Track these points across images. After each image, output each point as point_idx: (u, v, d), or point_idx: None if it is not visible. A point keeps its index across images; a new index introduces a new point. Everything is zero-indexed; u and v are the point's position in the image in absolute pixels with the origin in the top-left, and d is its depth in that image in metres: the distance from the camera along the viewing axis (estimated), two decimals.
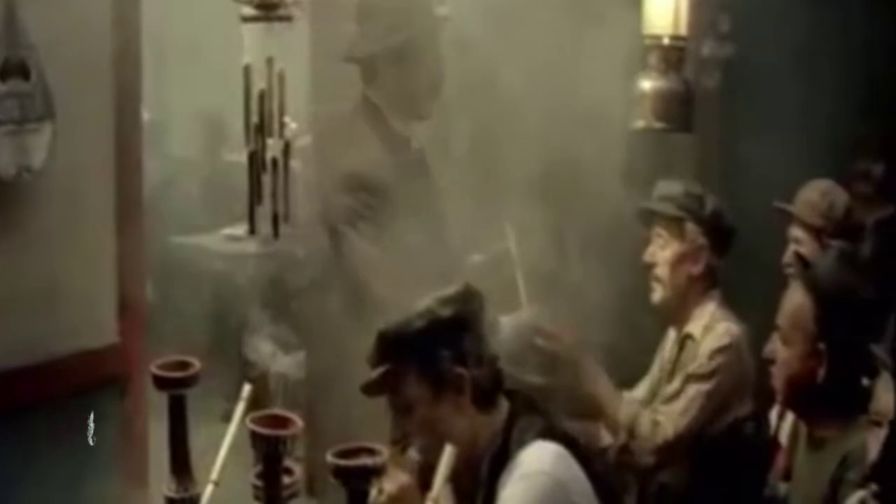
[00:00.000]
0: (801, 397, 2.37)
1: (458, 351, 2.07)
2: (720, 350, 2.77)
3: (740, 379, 2.82)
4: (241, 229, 5.60)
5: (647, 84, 2.73)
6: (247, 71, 1.98)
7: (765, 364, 2.63)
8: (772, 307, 2.59)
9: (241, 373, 4.82)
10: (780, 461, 2.87)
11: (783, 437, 2.93)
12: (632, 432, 2.74)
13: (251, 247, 5.52)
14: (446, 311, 2.08)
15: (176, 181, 5.95)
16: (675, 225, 2.85)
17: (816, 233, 3.14)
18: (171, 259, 5.72)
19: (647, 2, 2.68)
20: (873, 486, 1.60)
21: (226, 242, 5.70)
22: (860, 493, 1.73)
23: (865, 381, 2.18)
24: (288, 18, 2.04)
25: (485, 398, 2.10)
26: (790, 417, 2.93)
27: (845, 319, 2.25)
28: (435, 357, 2.07)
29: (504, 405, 2.13)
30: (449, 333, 2.08)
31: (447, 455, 1.79)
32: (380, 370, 2.09)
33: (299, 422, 1.80)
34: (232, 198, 5.63)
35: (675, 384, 2.79)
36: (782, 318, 2.38)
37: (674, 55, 2.68)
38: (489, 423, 2.09)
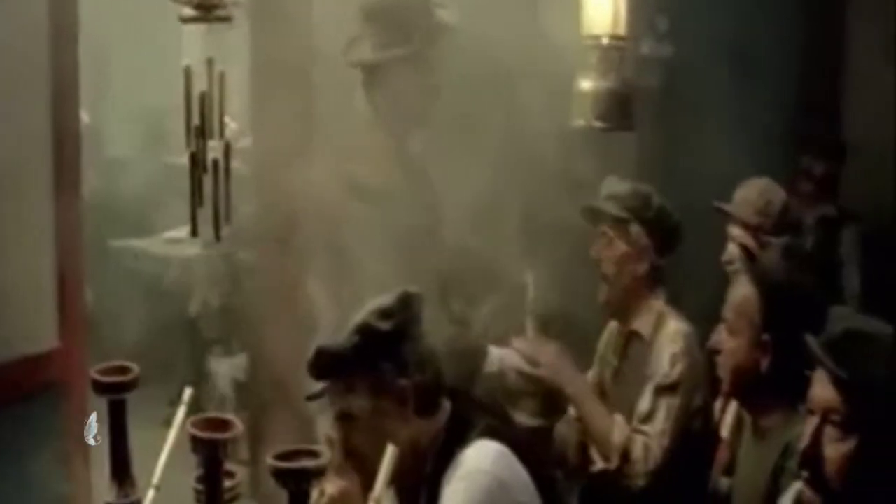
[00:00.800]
0: (746, 387, 2.42)
1: (400, 362, 2.06)
2: (678, 355, 2.78)
3: (698, 380, 2.84)
4: (182, 232, 5.59)
5: (586, 84, 2.76)
6: (187, 72, 1.97)
7: (710, 356, 2.71)
8: (713, 303, 2.63)
9: (183, 377, 4.81)
10: (722, 455, 2.93)
11: (725, 431, 2.99)
12: (626, 456, 2.73)
13: (193, 249, 5.48)
14: (385, 325, 2.05)
15: (115, 184, 5.88)
16: (619, 225, 2.86)
17: (754, 230, 3.18)
18: (111, 263, 5.67)
19: (587, 2, 2.70)
20: (804, 474, 1.65)
21: (167, 245, 5.67)
22: (799, 484, 1.76)
23: (808, 373, 2.24)
24: (227, 19, 2.04)
25: (428, 404, 2.09)
26: (732, 411, 2.99)
27: (789, 312, 2.30)
28: (376, 371, 2.05)
29: (446, 405, 2.13)
30: (389, 346, 2.05)
31: (389, 456, 1.79)
32: (320, 386, 2.08)
33: (239, 425, 1.78)
34: (172, 200, 5.61)
35: (647, 401, 2.77)
36: (728, 310, 2.43)
37: (613, 55, 2.71)
38: (432, 425, 2.09)
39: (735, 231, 3.23)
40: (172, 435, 1.98)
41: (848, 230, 4.36)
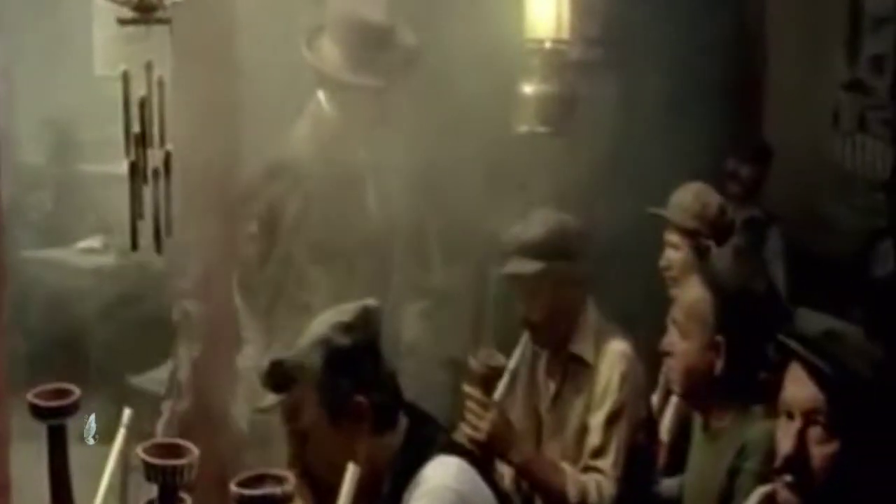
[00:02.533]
0: (699, 389, 2.40)
1: (358, 378, 1.99)
2: (625, 378, 2.73)
3: (641, 396, 2.83)
4: (97, 241, 5.41)
5: (528, 88, 2.72)
6: (125, 77, 1.87)
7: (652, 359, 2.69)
8: (651, 311, 2.61)
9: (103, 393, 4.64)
10: (661, 456, 2.93)
11: (663, 433, 2.98)
12: (583, 502, 2.68)
13: (109, 259, 5.31)
14: (345, 340, 1.99)
15: (28, 192, 5.65)
16: None
17: (691, 235, 3.19)
18: (22, 274, 5.45)
19: (530, 6, 2.66)
20: (787, 478, 1.63)
21: (81, 255, 5.48)
22: (765, 488, 1.75)
23: (762, 375, 2.25)
24: (167, 21, 1.95)
25: (385, 420, 2.03)
26: (670, 412, 2.98)
27: (743, 313, 2.31)
28: (334, 387, 1.98)
29: (403, 420, 2.07)
30: (348, 362, 1.99)
31: (350, 475, 1.72)
32: (274, 400, 2.01)
33: (194, 450, 1.69)
34: (86, 209, 5.42)
35: (598, 434, 2.71)
36: (679, 313, 2.41)
37: (556, 59, 2.68)
38: (389, 441, 2.03)
39: (672, 237, 3.23)
40: (113, 459, 1.90)
41: (773, 231, 4.43)
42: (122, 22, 1.84)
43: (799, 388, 1.63)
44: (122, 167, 1.90)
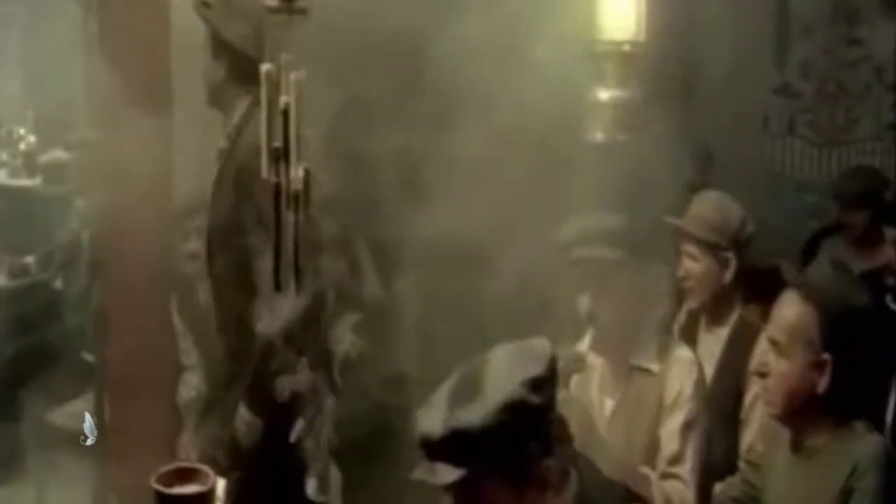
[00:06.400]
0: (797, 409, 2.27)
1: (546, 440, 1.73)
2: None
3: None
4: None
5: (604, 94, 2.51)
6: (269, 78, 1.54)
7: None
8: None
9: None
10: None
11: None
12: None
13: (0, 281, 4.80)
14: (537, 398, 1.70)
15: None
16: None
17: (711, 248, 3.08)
18: None
19: (606, 6, 2.44)
20: None
21: None
22: None
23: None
24: (304, 12, 1.62)
25: (564, 477, 1.77)
26: None
27: (848, 328, 2.20)
28: (522, 454, 1.71)
29: (574, 475, 1.81)
30: (538, 423, 1.72)
31: None
32: (454, 475, 1.69)
33: (212, 476, 1.68)
34: None
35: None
36: (779, 332, 2.27)
37: (634, 62, 2.48)
38: (564, 498, 1.77)
39: (690, 248, 3.10)
40: None
41: None
42: (271, 11, 1.51)
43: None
44: None
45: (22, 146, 5.32)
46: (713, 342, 3.13)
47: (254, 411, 2.96)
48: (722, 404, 2.93)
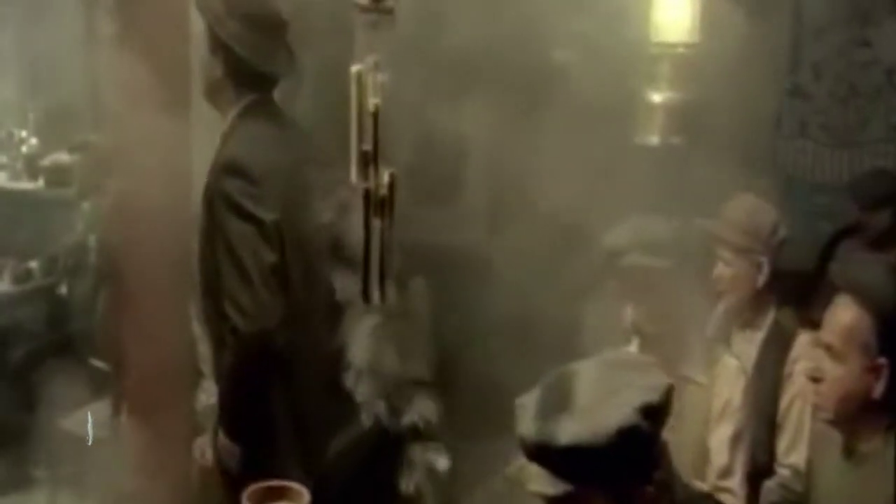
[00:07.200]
0: (851, 414, 2.25)
1: (650, 465, 1.72)
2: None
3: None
4: None
5: (657, 97, 2.48)
6: (359, 78, 1.49)
7: None
8: None
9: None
10: None
11: None
12: None
13: (3, 286, 4.71)
14: (649, 426, 1.70)
15: None
16: None
17: (744, 252, 3.04)
18: None
19: (659, 7, 2.40)
20: None
21: None
22: None
23: None
24: (391, 12, 1.57)
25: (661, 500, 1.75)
26: None
27: None
28: (628, 477, 1.70)
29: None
30: (647, 448, 1.71)
31: None
32: (555, 489, 1.67)
33: (306, 493, 1.66)
34: None
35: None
36: (834, 336, 2.24)
37: (688, 64, 2.45)
38: None
39: (724, 252, 3.07)
40: None
41: None
42: (363, 9, 1.46)
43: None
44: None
45: (24, 149, 5.23)
46: (747, 345, 3.11)
47: (231, 436, 2.89)
48: (757, 407, 2.92)
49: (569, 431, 1.64)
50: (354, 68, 1.47)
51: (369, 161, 1.49)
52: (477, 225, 3.08)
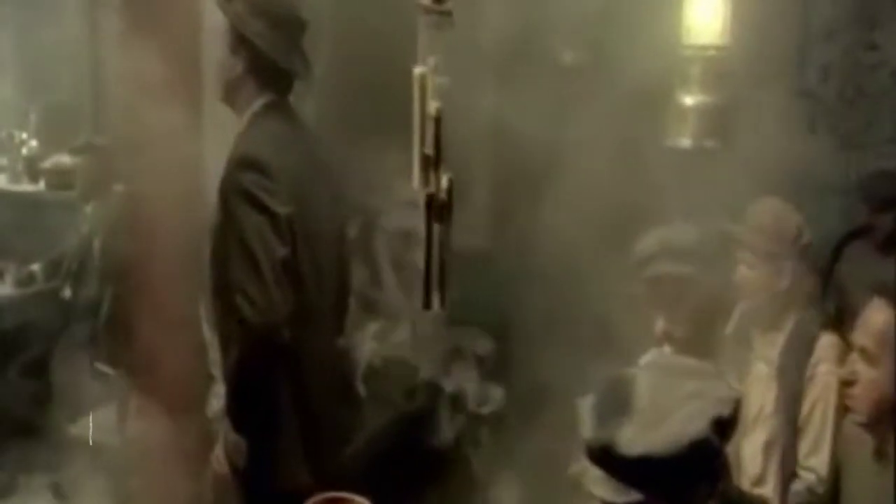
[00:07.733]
0: (885, 416, 2.28)
1: (715, 478, 1.71)
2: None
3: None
4: None
5: (689, 99, 2.46)
6: (422, 81, 1.46)
7: None
8: None
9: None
10: None
11: None
12: None
13: (6, 290, 4.66)
14: (719, 440, 1.69)
15: None
16: None
17: (767, 256, 3.02)
18: None
19: (690, 9, 2.38)
20: None
21: None
22: None
23: None
24: (449, 14, 1.55)
25: None
26: None
27: None
28: (693, 489, 1.69)
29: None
30: (713, 460, 1.70)
31: None
32: (625, 498, 1.66)
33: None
34: None
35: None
36: (866, 338, 2.26)
37: (719, 67, 2.42)
38: None
39: (747, 256, 3.05)
40: None
41: None
42: (424, 10, 1.44)
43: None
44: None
45: (24, 151, 5.17)
46: (769, 347, 3.10)
47: (236, 427, 2.88)
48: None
49: (639, 441, 1.63)
50: (417, 70, 1.44)
51: (430, 165, 1.46)
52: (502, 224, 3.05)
